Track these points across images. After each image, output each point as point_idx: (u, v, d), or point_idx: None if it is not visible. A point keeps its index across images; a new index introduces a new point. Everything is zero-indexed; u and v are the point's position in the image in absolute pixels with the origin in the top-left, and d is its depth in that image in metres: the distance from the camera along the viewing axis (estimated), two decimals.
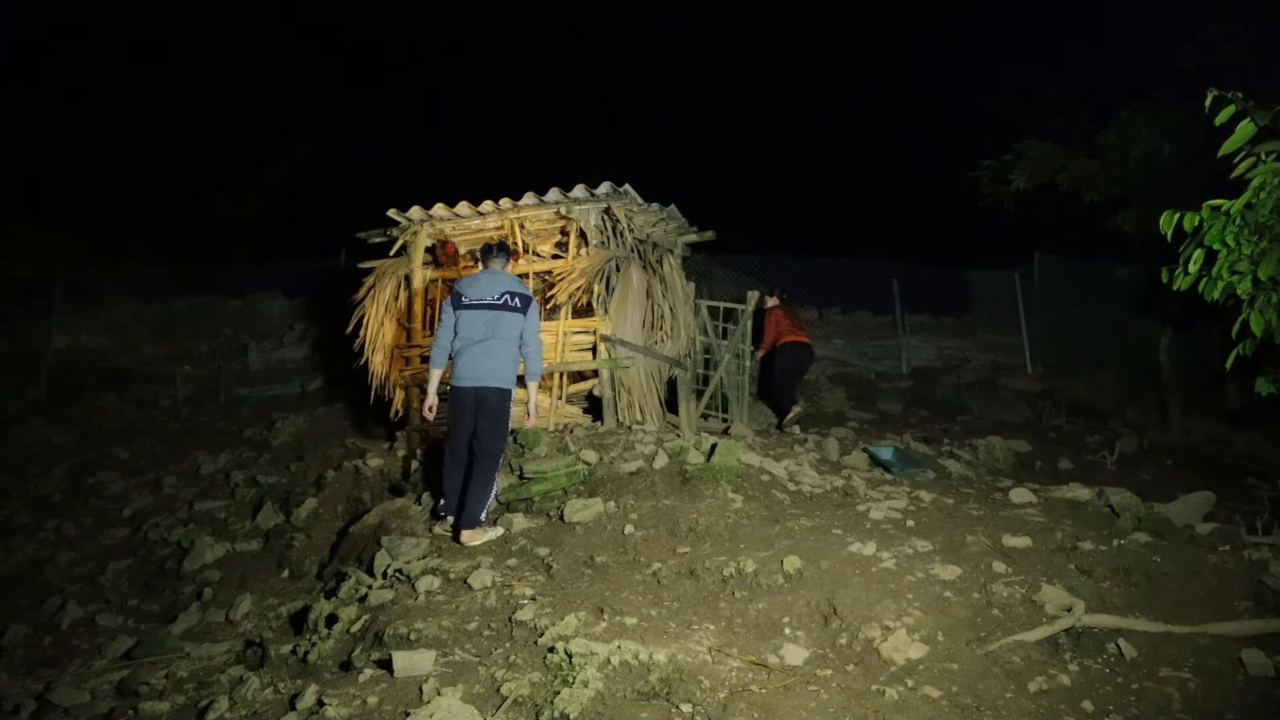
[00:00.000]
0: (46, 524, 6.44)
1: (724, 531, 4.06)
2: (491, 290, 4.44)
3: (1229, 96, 3.26)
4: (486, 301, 4.42)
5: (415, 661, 2.96)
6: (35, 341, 10.52)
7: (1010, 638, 2.97)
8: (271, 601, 4.68)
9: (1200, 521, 4.34)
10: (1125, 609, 3.19)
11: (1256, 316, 3.54)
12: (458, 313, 4.44)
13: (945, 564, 3.55)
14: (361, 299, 6.68)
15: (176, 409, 9.39)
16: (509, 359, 4.43)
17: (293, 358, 10.72)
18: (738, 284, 9.16)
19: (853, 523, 4.18)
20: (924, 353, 11.09)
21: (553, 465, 4.94)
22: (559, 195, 6.18)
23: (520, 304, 4.46)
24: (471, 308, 4.42)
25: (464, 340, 4.40)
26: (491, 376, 4.36)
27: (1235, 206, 3.41)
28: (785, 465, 5.16)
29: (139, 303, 11.69)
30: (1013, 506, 4.64)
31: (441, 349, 4.49)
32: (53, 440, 8.36)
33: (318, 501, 5.74)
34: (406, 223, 6.70)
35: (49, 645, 4.63)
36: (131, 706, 3.43)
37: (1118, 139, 9.82)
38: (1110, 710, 2.62)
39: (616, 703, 2.69)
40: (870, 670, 2.88)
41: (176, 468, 7.44)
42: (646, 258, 6.69)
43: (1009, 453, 6.54)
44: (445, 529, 4.49)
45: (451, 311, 4.46)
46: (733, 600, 3.47)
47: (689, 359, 6.82)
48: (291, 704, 2.95)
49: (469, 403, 4.36)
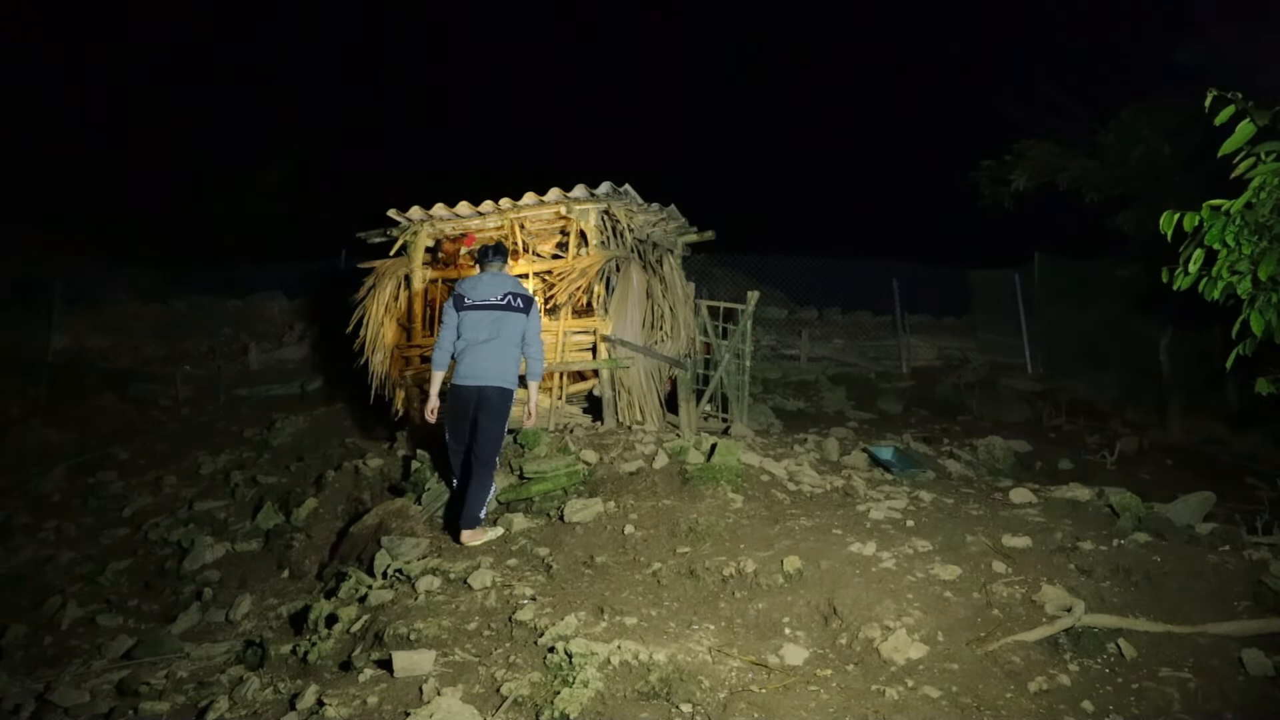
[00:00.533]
0: (46, 524, 6.43)
1: (724, 531, 4.06)
2: (494, 291, 4.48)
3: (1229, 96, 3.26)
4: (490, 302, 4.45)
5: (415, 661, 2.96)
6: (35, 341, 10.52)
7: (1010, 638, 2.96)
8: (271, 601, 4.68)
9: (1200, 521, 4.34)
10: (1125, 609, 3.19)
11: (1256, 316, 3.54)
12: (460, 314, 4.46)
13: (945, 564, 3.55)
14: (361, 299, 6.68)
15: (176, 409, 9.39)
16: (512, 359, 4.47)
17: (293, 358, 10.73)
18: (738, 284, 9.16)
19: (853, 523, 4.18)
20: (924, 353, 11.09)
21: (553, 465, 4.94)
22: (559, 195, 6.18)
23: (523, 304, 4.50)
24: (475, 308, 4.45)
25: (467, 340, 4.43)
26: (495, 376, 4.39)
27: (1235, 206, 3.41)
28: (785, 465, 5.16)
29: (139, 303, 11.70)
30: (1013, 506, 4.63)
31: (444, 350, 4.51)
32: (53, 440, 8.36)
33: (318, 501, 5.74)
34: (406, 223, 6.70)
35: (49, 645, 4.62)
36: (131, 706, 3.42)
37: (1118, 139, 9.84)
38: (1110, 710, 2.62)
39: (616, 703, 2.69)
40: (870, 670, 2.88)
41: (176, 468, 7.44)
42: (646, 258, 6.69)
43: (1009, 453, 6.54)
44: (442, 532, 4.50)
45: (454, 313, 4.48)
46: (733, 600, 3.47)
47: (689, 359, 6.82)
48: (291, 704, 2.95)
49: (470, 401, 4.39)
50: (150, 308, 11.66)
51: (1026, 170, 10.41)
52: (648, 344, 6.27)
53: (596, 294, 6.17)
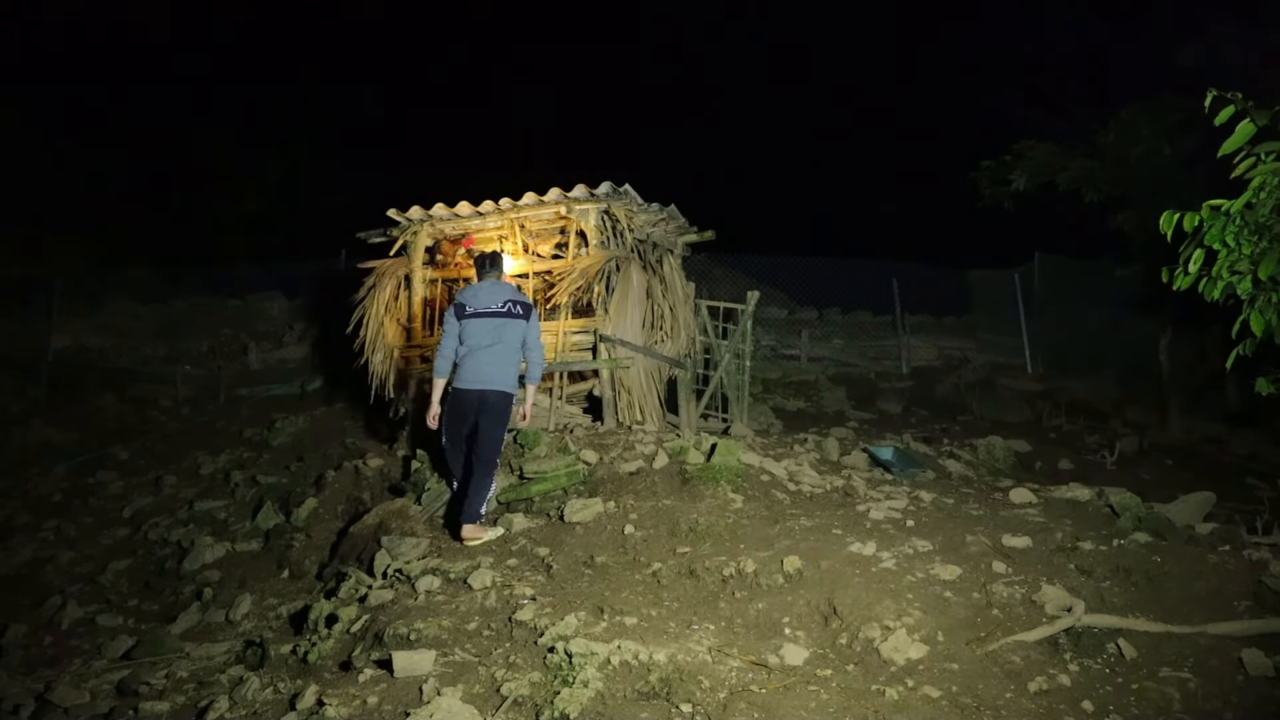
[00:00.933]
0: (46, 524, 6.44)
1: (724, 531, 4.06)
2: (494, 299, 4.61)
3: (1229, 97, 3.26)
4: (491, 310, 4.57)
5: (415, 661, 2.96)
6: (35, 341, 10.53)
7: (1010, 638, 2.96)
8: (271, 601, 4.68)
9: (1200, 521, 4.35)
10: (1125, 609, 3.19)
11: (1256, 316, 3.54)
12: (462, 322, 4.56)
13: (945, 564, 3.55)
14: (361, 299, 6.68)
15: (176, 409, 9.39)
16: (513, 364, 4.59)
17: (293, 358, 10.73)
18: (738, 284, 9.16)
19: (853, 523, 4.18)
20: (924, 353, 11.09)
21: (553, 465, 4.94)
22: (559, 195, 6.18)
23: (522, 311, 4.63)
24: (477, 316, 4.56)
25: (470, 347, 4.53)
26: (498, 381, 4.51)
27: (1235, 206, 3.41)
28: (785, 465, 5.16)
29: (139, 303, 11.70)
30: (1013, 506, 4.64)
31: (445, 358, 4.60)
32: (53, 440, 8.37)
33: (318, 501, 5.74)
34: (406, 223, 6.70)
35: (49, 645, 4.63)
36: (131, 706, 3.42)
37: (1118, 139, 9.83)
38: (1110, 710, 2.62)
39: (616, 703, 2.69)
40: (870, 670, 2.88)
41: (176, 468, 7.44)
42: (646, 258, 6.68)
43: (1009, 453, 6.54)
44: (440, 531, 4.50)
45: (456, 321, 4.58)
46: (733, 600, 3.47)
47: (689, 359, 6.82)
48: (291, 704, 2.95)
49: (471, 405, 4.49)
50: (150, 308, 11.66)
51: (1026, 170, 10.39)
52: (648, 344, 6.27)
53: (596, 294, 6.17)
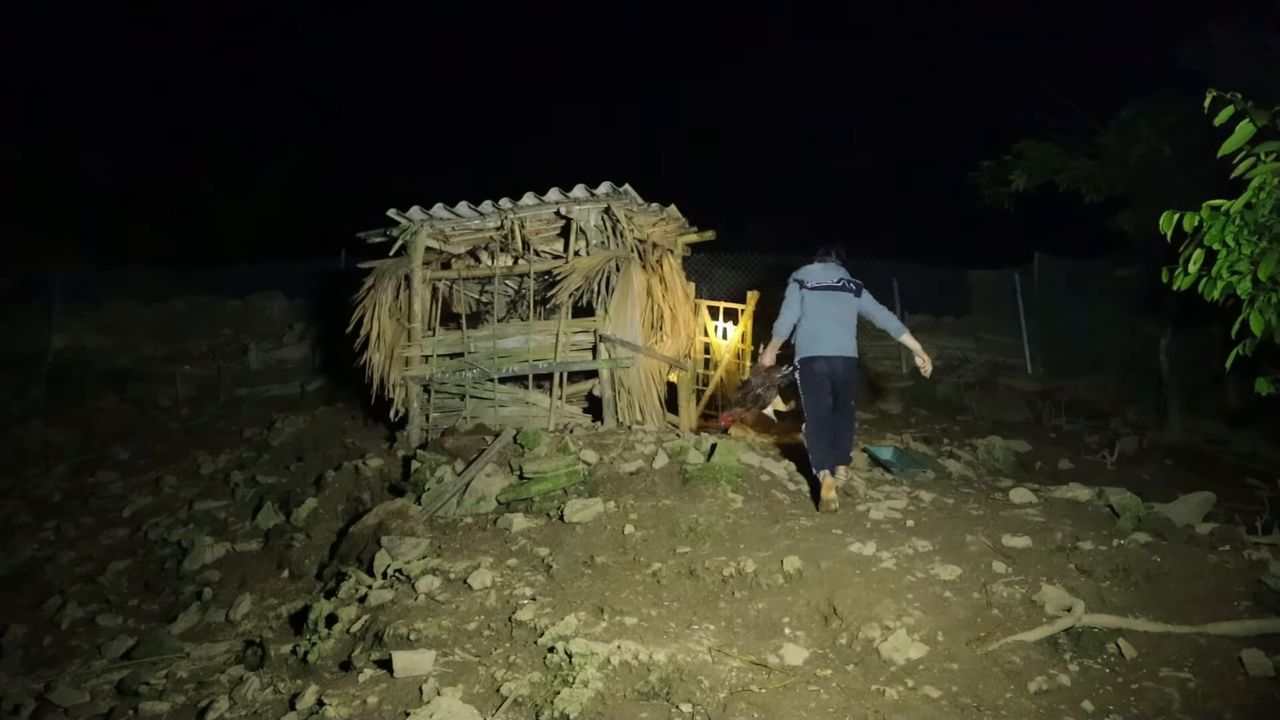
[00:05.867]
0: (46, 524, 6.43)
1: (724, 531, 4.06)
2: (829, 277, 4.99)
3: (1229, 97, 3.26)
4: (831, 284, 4.95)
5: (415, 661, 2.96)
6: (35, 341, 10.52)
7: (1010, 638, 2.96)
8: (271, 601, 4.68)
9: (1200, 521, 4.34)
10: (1125, 609, 3.18)
11: (1256, 316, 3.54)
12: (804, 293, 4.93)
13: (945, 564, 3.55)
14: (361, 299, 6.68)
15: (176, 409, 9.39)
16: (852, 333, 4.98)
17: (293, 358, 10.73)
18: (738, 284, 9.16)
19: (853, 523, 4.18)
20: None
21: (553, 465, 4.94)
22: (559, 195, 6.18)
23: (855, 288, 5.02)
24: (819, 289, 4.92)
25: (815, 318, 4.87)
26: (846, 348, 4.88)
27: (1235, 206, 3.41)
28: (785, 465, 5.16)
29: (139, 303, 11.69)
30: (1013, 506, 4.63)
31: (786, 322, 4.95)
32: (53, 440, 8.36)
33: (318, 501, 5.73)
34: (406, 223, 6.70)
35: (49, 645, 4.62)
36: (131, 706, 3.42)
37: (1118, 139, 9.84)
38: (1110, 710, 2.62)
39: (616, 703, 2.68)
40: (870, 670, 2.88)
41: (176, 468, 7.43)
42: (646, 258, 6.69)
43: (1009, 453, 6.53)
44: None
45: (799, 292, 4.95)
46: (733, 600, 3.47)
47: (689, 359, 6.82)
48: (291, 704, 2.95)
49: (823, 371, 4.81)
50: (150, 308, 11.65)
51: (1026, 170, 10.40)
52: (648, 344, 6.27)
53: (596, 294, 6.17)
